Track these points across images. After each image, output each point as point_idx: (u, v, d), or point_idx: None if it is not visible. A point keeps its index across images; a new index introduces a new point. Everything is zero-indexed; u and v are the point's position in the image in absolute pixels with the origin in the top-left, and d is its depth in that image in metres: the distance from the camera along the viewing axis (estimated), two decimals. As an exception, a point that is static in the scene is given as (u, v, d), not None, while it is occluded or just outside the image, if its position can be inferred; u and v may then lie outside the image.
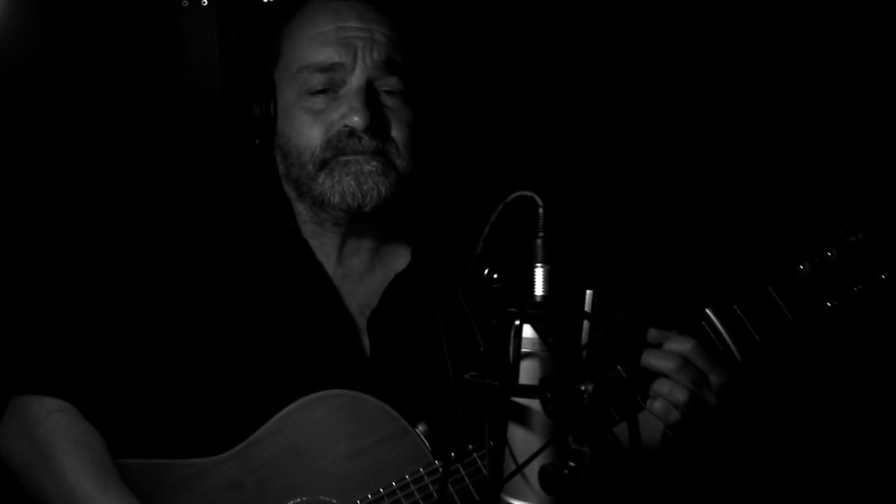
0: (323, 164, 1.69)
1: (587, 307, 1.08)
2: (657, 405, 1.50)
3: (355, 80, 1.69)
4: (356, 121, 1.67)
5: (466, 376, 1.06)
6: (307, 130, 1.70)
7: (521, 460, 1.04)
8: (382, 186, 1.69)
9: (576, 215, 2.19)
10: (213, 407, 1.68)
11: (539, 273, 1.07)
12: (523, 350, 1.06)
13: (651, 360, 1.50)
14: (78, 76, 2.30)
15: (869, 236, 1.56)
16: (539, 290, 1.07)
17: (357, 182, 1.68)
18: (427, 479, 1.60)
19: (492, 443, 1.05)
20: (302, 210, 1.78)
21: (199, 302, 1.70)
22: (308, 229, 1.78)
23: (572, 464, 0.99)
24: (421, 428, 1.62)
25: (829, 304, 1.56)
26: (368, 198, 1.68)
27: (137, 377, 1.68)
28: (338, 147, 1.69)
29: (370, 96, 1.69)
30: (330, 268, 1.78)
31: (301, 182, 1.72)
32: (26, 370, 1.69)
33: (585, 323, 1.08)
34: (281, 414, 1.62)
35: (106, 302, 1.72)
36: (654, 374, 1.52)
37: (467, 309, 1.14)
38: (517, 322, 1.04)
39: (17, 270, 2.27)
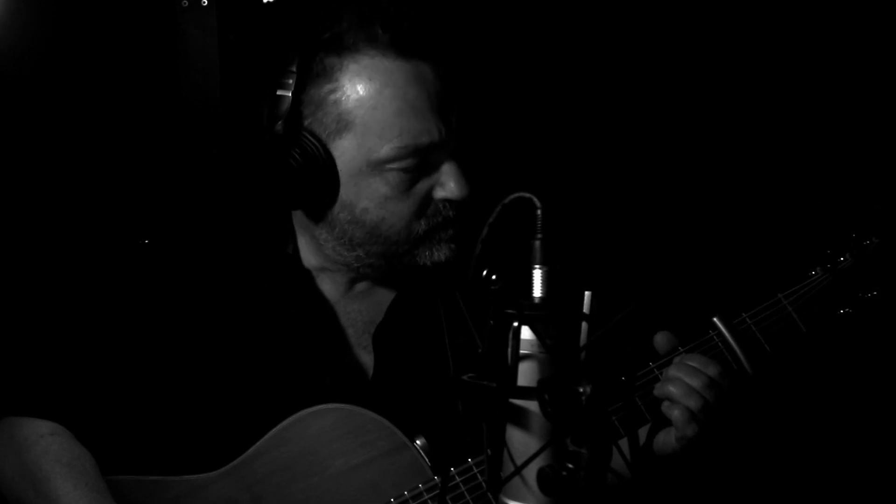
0: (420, 240, 1.63)
1: (585, 308, 1.08)
2: (677, 413, 1.49)
3: (450, 152, 1.62)
4: (461, 194, 1.61)
5: (465, 378, 1.06)
6: (399, 208, 1.60)
7: (519, 462, 1.04)
8: (461, 243, 1.66)
9: (574, 216, 2.19)
10: (209, 424, 1.64)
11: (537, 274, 1.07)
12: (521, 351, 1.06)
13: (680, 374, 1.50)
14: (78, 76, 2.30)
15: (886, 239, 1.53)
16: (537, 291, 1.07)
17: (450, 248, 1.65)
18: (426, 496, 1.56)
19: (490, 445, 1.05)
20: (329, 250, 1.67)
21: (194, 318, 1.66)
22: (316, 261, 1.72)
23: (570, 465, 0.99)
24: (419, 442, 1.59)
25: (841, 311, 1.53)
26: (453, 257, 1.65)
27: (131, 396, 1.64)
28: (436, 220, 1.63)
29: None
30: (335, 292, 1.73)
31: (385, 254, 1.64)
32: (17, 391, 1.64)
33: (584, 324, 1.07)
34: (277, 429, 1.58)
35: (98, 320, 1.67)
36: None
37: (465, 310, 1.14)
38: (515, 323, 1.04)
39: (9, 289, 2.25)
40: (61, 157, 2.31)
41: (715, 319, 1.54)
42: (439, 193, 1.62)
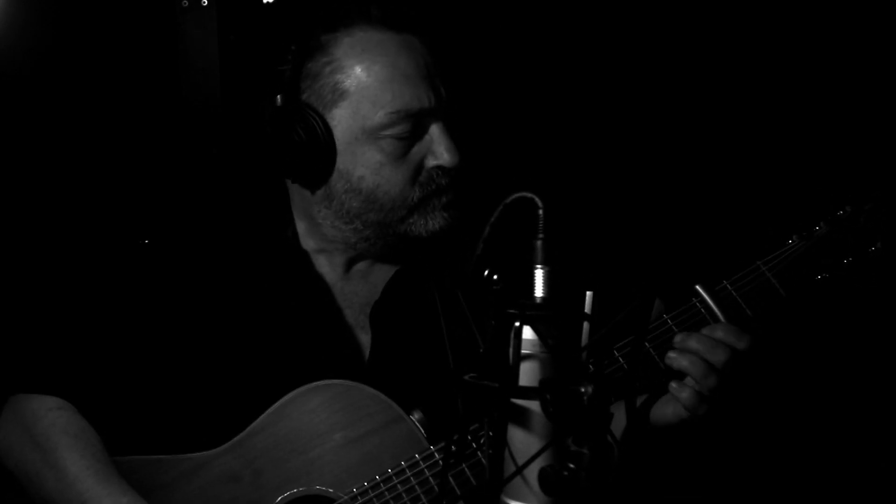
0: (415, 207, 1.68)
1: (587, 308, 1.08)
2: (685, 395, 1.52)
3: (440, 120, 1.67)
4: (451, 160, 1.66)
5: (466, 378, 1.06)
6: (393, 175, 1.66)
7: (520, 462, 1.04)
8: (456, 213, 1.71)
9: (575, 216, 2.19)
10: (209, 403, 1.69)
11: (539, 274, 1.07)
12: (523, 351, 1.06)
13: (700, 347, 1.52)
14: (78, 76, 2.31)
15: (857, 209, 1.58)
16: (539, 291, 1.07)
17: (443, 217, 1.69)
18: (423, 465, 1.61)
19: (491, 445, 1.04)
20: (328, 228, 1.72)
21: (196, 300, 1.71)
22: (315, 244, 1.76)
23: (572, 465, 0.99)
24: (416, 416, 1.64)
25: (819, 276, 1.59)
26: (447, 226, 1.70)
27: (135, 374, 1.69)
28: (429, 188, 1.68)
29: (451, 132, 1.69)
30: (333, 274, 1.77)
31: (382, 223, 1.69)
32: (25, 369, 1.70)
33: (585, 324, 1.07)
34: (276, 405, 1.64)
35: (103, 300, 1.73)
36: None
37: (467, 310, 1.14)
38: (517, 323, 1.04)
39: (16, 270, 2.27)
40: (62, 156, 2.31)
41: (697, 287, 1.59)
42: (431, 161, 1.68)
